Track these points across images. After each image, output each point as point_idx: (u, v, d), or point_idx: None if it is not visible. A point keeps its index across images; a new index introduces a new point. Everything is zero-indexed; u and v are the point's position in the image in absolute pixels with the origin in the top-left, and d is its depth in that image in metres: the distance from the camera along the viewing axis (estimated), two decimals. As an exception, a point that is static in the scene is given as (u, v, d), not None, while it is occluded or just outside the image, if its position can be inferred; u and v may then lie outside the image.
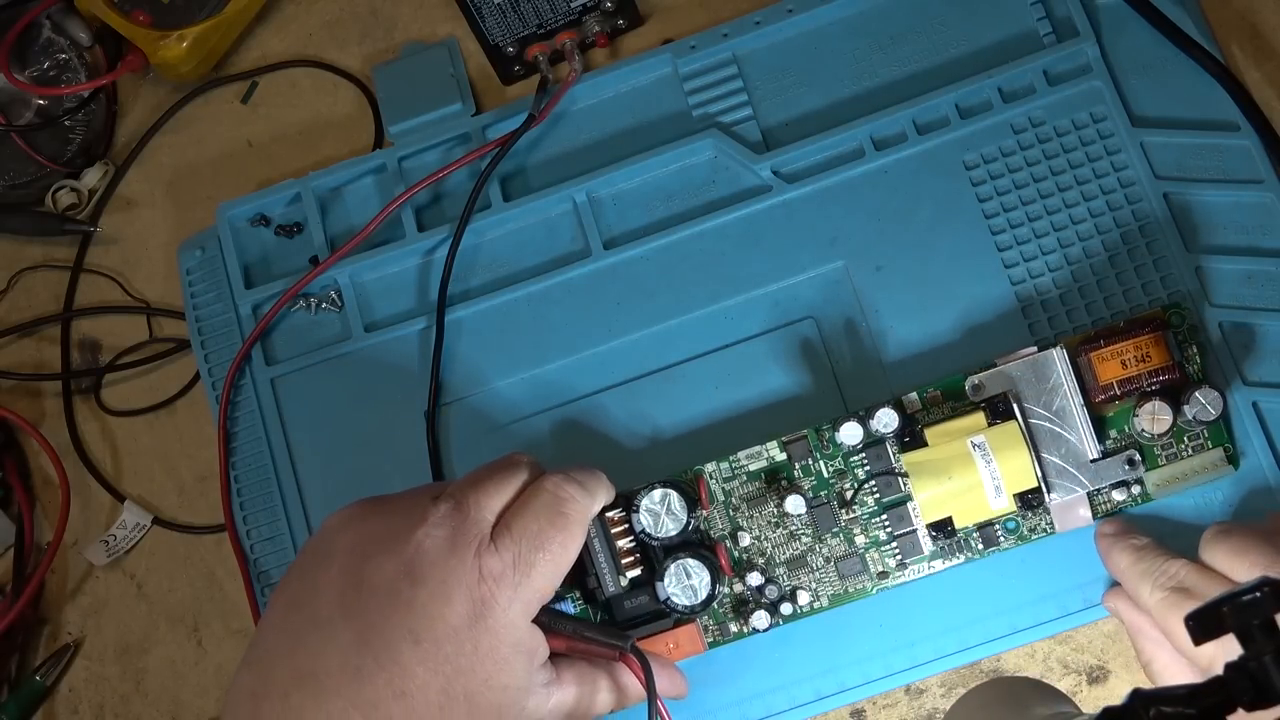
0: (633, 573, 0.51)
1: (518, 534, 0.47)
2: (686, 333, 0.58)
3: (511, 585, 0.45)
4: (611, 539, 0.51)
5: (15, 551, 0.62)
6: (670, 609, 0.51)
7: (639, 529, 0.52)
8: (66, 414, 0.64)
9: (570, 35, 0.62)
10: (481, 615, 0.45)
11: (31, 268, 0.67)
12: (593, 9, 0.59)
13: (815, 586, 0.53)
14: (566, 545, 0.47)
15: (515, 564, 0.46)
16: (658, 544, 0.52)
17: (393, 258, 0.61)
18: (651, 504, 0.52)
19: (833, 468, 0.53)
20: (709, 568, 0.51)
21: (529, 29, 0.60)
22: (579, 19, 0.60)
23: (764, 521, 0.54)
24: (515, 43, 0.60)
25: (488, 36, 0.59)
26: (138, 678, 0.60)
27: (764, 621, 0.52)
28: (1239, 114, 0.56)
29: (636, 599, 0.52)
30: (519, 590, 0.46)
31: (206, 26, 0.65)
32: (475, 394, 0.59)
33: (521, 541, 0.46)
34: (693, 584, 0.51)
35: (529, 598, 0.46)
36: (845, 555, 0.53)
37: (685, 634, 0.52)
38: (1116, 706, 0.33)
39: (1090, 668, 0.52)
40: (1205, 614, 0.32)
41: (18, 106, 0.67)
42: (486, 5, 0.57)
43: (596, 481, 0.50)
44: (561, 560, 0.47)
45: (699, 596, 0.51)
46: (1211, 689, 0.32)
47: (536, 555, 0.46)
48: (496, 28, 0.58)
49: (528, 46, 0.61)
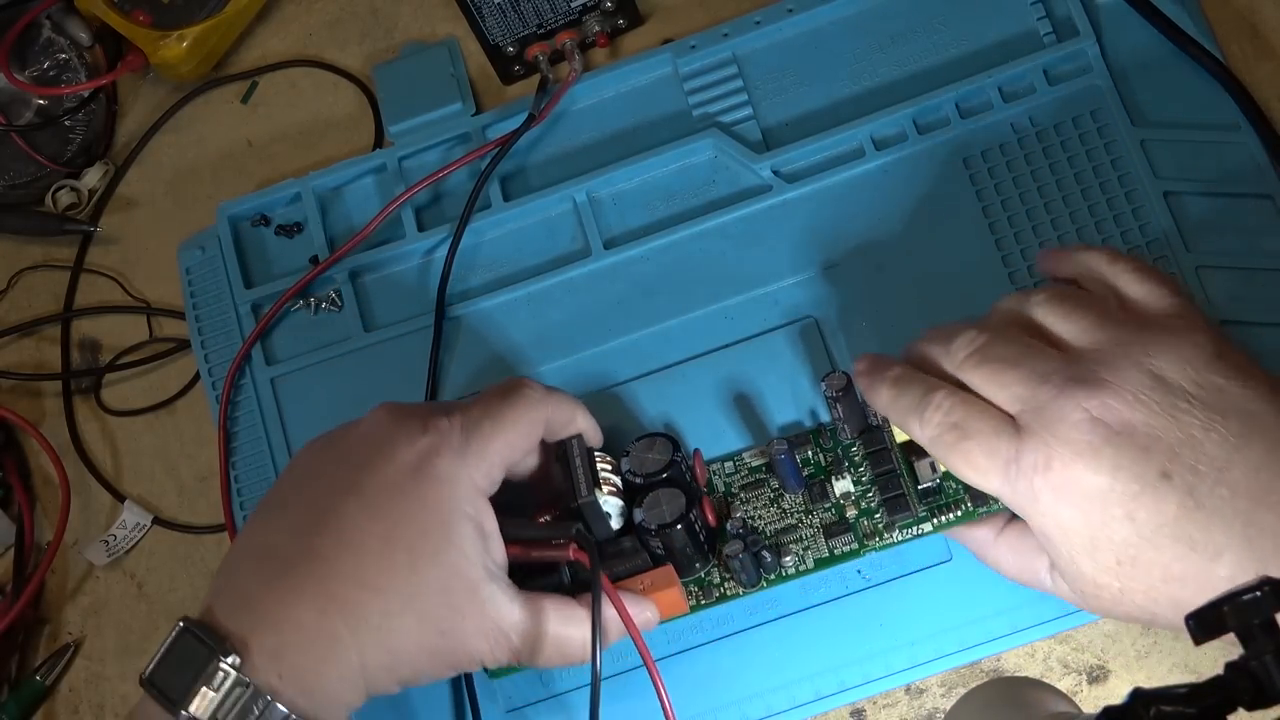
0: (612, 500, 0.50)
1: (469, 403, 0.48)
2: (686, 333, 0.58)
3: (458, 444, 0.47)
4: (593, 462, 0.51)
5: (15, 551, 0.62)
6: (644, 532, 0.50)
7: (625, 469, 0.52)
8: (66, 414, 0.64)
9: (570, 35, 0.61)
10: (423, 466, 0.46)
11: (31, 268, 0.67)
12: (593, 9, 0.59)
13: (802, 553, 0.52)
14: (517, 422, 0.48)
15: (462, 426, 0.47)
16: (642, 482, 0.51)
17: (393, 258, 0.61)
18: (641, 448, 0.52)
19: (831, 458, 0.53)
20: (686, 496, 0.50)
21: (529, 29, 0.60)
22: (579, 19, 0.60)
23: (759, 503, 0.53)
24: (515, 43, 0.60)
25: (488, 36, 0.59)
26: (138, 678, 0.60)
27: (738, 549, 0.50)
28: (1239, 114, 0.55)
29: (618, 544, 0.51)
30: (464, 452, 0.47)
31: (206, 26, 0.65)
32: (475, 394, 0.58)
33: (471, 409, 0.48)
34: (667, 508, 0.50)
35: (475, 463, 0.47)
36: (834, 523, 0.52)
37: (662, 574, 0.51)
38: (1116, 706, 0.33)
39: (1090, 668, 0.52)
40: (1205, 614, 0.32)
41: (18, 106, 0.67)
42: (486, 5, 0.57)
43: (562, 393, 0.51)
44: (511, 436, 0.48)
45: (671, 516, 0.50)
46: (1211, 689, 0.32)
47: (484, 422, 0.48)
48: (496, 27, 0.58)
49: (528, 46, 0.61)
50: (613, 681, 0.54)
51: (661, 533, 0.50)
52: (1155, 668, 0.52)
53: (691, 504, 0.50)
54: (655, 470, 0.51)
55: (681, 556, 0.51)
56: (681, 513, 0.50)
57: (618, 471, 0.52)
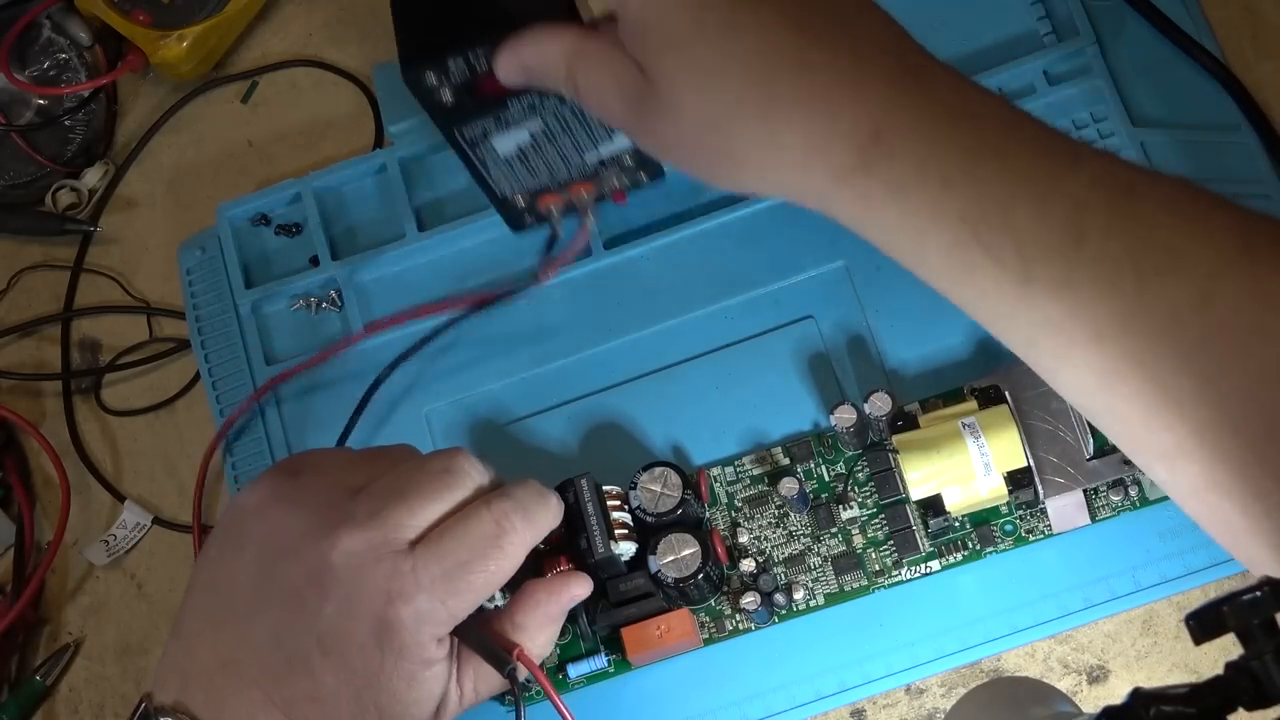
0: (626, 544, 0.50)
1: (444, 556, 0.44)
2: (686, 333, 0.58)
3: (424, 610, 0.44)
4: (606, 509, 0.50)
5: (15, 551, 0.62)
6: (659, 582, 0.51)
7: (635, 505, 0.51)
8: (66, 414, 0.64)
9: (587, 188, 0.54)
10: (387, 636, 0.43)
11: (31, 268, 0.67)
12: (612, 163, 0.53)
13: (811, 585, 0.53)
14: (492, 579, 0.45)
15: (432, 588, 0.44)
16: (653, 520, 0.51)
17: (393, 258, 0.61)
18: (649, 480, 0.52)
19: (834, 471, 0.54)
20: (701, 544, 0.51)
21: (540, 182, 0.54)
22: (596, 173, 0.53)
23: (764, 521, 0.54)
24: (526, 194, 0.55)
25: (495, 189, 0.54)
26: (138, 678, 0.60)
27: (754, 602, 0.51)
28: (1239, 114, 0.55)
29: (631, 581, 0.51)
30: (431, 614, 0.44)
31: (206, 26, 0.65)
32: (474, 394, 0.58)
33: (446, 566, 0.44)
34: (684, 556, 0.50)
35: (442, 619, 0.44)
36: (842, 554, 0.53)
37: (678, 619, 0.51)
38: (1116, 706, 0.33)
39: (1090, 668, 0.52)
40: (1205, 614, 0.32)
41: (18, 106, 0.67)
42: (490, 159, 0.52)
43: (544, 509, 0.48)
44: (484, 591, 0.45)
45: (688, 569, 0.50)
46: (1211, 689, 0.32)
47: (457, 584, 0.44)
48: (504, 180, 0.53)
49: (540, 197, 0.55)
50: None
51: (679, 584, 0.50)
52: (1155, 668, 0.52)
53: (707, 555, 0.50)
54: (667, 510, 0.51)
55: (695, 596, 0.52)
56: (700, 565, 0.50)
57: (625, 503, 0.52)
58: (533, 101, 0.49)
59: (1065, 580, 0.52)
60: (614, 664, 0.54)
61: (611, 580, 0.51)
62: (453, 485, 0.46)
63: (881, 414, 0.51)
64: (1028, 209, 0.38)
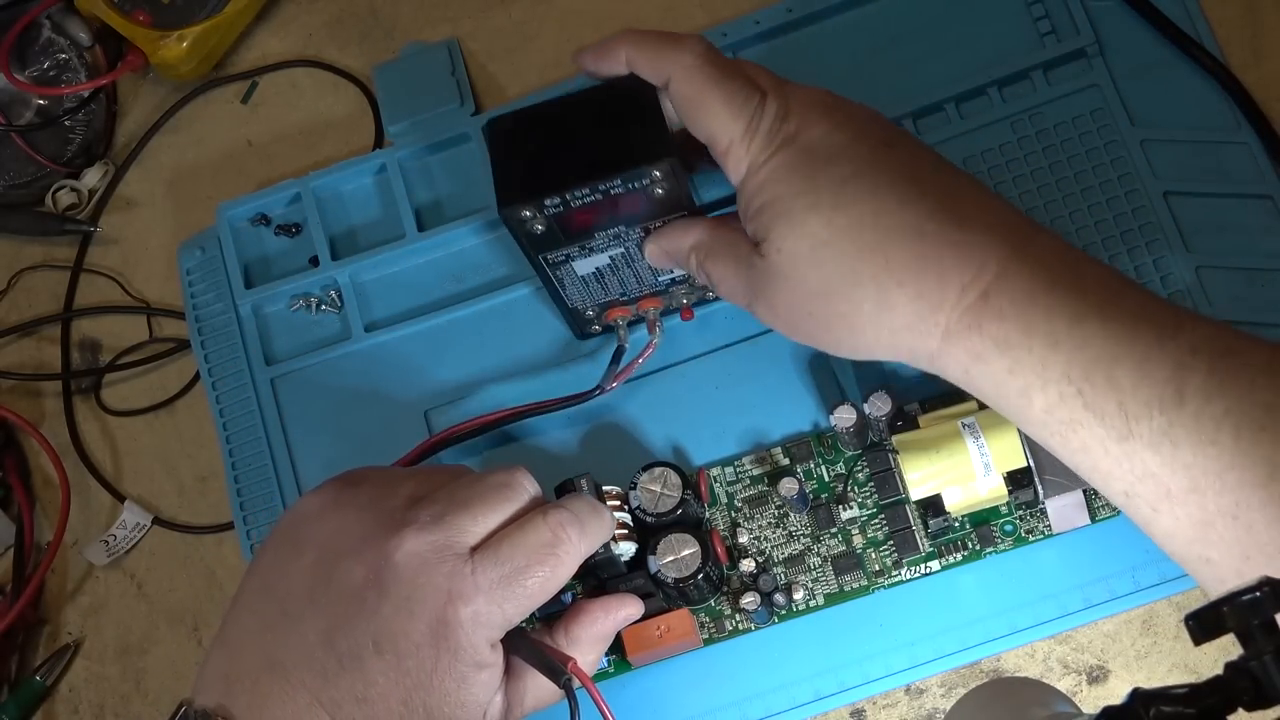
0: (625, 544, 0.50)
1: (502, 562, 0.45)
2: (686, 332, 0.58)
3: (482, 612, 0.44)
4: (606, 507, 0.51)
5: (15, 551, 0.62)
6: (659, 582, 0.51)
7: (635, 505, 0.52)
8: (66, 414, 0.64)
9: (655, 303, 0.56)
10: (444, 635, 0.44)
11: (31, 268, 0.67)
12: (681, 282, 0.55)
13: (811, 585, 0.53)
14: (548, 585, 0.46)
15: (490, 591, 0.45)
16: (653, 520, 0.51)
17: (393, 258, 0.61)
18: (649, 480, 0.52)
19: (834, 471, 0.54)
20: (701, 544, 0.51)
21: (611, 296, 0.55)
22: (666, 289, 0.55)
23: (764, 522, 0.54)
24: (596, 307, 0.56)
25: (567, 301, 0.56)
26: (138, 678, 0.60)
27: (754, 602, 0.51)
28: (1239, 114, 0.56)
29: (631, 581, 0.51)
30: (488, 617, 0.45)
31: (206, 26, 0.65)
32: (474, 394, 0.58)
33: (504, 571, 0.45)
34: (683, 557, 0.51)
35: (497, 623, 0.45)
36: (842, 554, 0.53)
37: (678, 619, 0.52)
38: (1116, 706, 0.33)
39: (1090, 668, 0.52)
40: (1205, 614, 0.32)
41: (18, 106, 0.67)
42: (569, 278, 0.53)
43: (597, 521, 0.49)
44: (539, 597, 0.46)
45: (688, 569, 0.50)
46: (1211, 689, 0.32)
47: (514, 589, 0.45)
48: (577, 295, 0.55)
49: (608, 309, 0.56)
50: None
51: (679, 584, 0.51)
52: (1155, 668, 0.52)
53: (707, 555, 0.51)
54: (667, 510, 0.51)
55: (695, 596, 0.52)
56: (699, 565, 0.50)
57: (625, 503, 0.52)
58: (618, 232, 0.51)
59: (1065, 580, 0.52)
60: (614, 664, 0.54)
61: (611, 580, 0.51)
62: (511, 498, 0.47)
63: (881, 414, 0.51)
64: (1130, 369, 0.40)
